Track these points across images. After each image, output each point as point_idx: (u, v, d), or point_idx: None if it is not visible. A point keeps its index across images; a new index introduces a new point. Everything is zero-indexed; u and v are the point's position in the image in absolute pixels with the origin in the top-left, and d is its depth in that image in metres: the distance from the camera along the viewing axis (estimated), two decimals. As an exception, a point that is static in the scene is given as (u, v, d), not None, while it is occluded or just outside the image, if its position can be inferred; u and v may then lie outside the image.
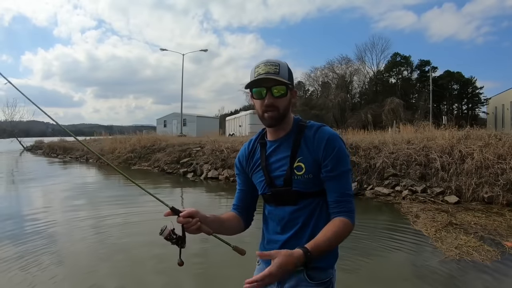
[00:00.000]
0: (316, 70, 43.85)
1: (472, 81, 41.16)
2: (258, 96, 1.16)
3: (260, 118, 1.19)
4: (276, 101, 1.14)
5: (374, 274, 3.42)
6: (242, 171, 1.32)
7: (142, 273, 3.41)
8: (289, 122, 1.22)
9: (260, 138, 1.29)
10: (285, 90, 1.14)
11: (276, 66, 1.14)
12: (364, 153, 8.32)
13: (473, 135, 7.94)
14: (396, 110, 31.94)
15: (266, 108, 1.15)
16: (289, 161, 1.17)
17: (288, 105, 1.18)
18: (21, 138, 35.53)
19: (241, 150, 1.35)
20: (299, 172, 1.16)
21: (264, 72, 1.13)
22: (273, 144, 1.23)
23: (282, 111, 1.16)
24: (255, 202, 1.35)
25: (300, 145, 1.17)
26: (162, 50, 36.30)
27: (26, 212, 6.22)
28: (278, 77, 1.12)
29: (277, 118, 1.16)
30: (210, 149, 12.02)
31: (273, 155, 1.22)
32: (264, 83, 1.13)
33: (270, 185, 1.21)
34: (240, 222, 1.30)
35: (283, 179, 1.18)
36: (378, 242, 4.37)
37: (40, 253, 3.89)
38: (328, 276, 1.18)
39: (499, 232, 4.51)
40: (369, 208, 6.46)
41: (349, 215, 1.13)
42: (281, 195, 1.19)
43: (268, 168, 1.21)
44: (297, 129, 1.20)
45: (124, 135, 19.67)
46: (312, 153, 1.15)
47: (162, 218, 1.07)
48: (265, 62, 1.15)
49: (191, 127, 34.30)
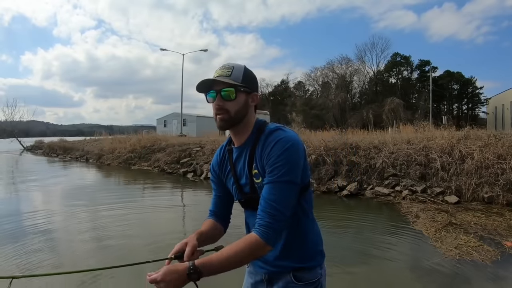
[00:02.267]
0: (316, 70, 44.03)
1: (472, 81, 41.20)
2: (211, 99, 1.14)
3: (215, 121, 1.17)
4: (225, 104, 1.11)
5: (373, 274, 3.42)
6: (216, 178, 1.31)
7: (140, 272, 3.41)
8: (248, 127, 1.18)
9: (228, 144, 1.27)
10: (234, 92, 1.10)
11: (229, 69, 1.12)
12: (364, 153, 8.32)
13: (472, 135, 7.94)
14: (396, 110, 31.99)
15: (216, 111, 1.12)
16: (247, 170, 1.15)
17: (242, 108, 1.13)
18: (21, 138, 35.52)
19: (214, 157, 1.33)
20: (257, 180, 1.13)
21: (216, 76, 1.11)
22: (237, 150, 1.21)
23: (234, 115, 1.12)
24: (231, 207, 1.34)
25: (255, 152, 1.14)
26: (162, 50, 36.27)
27: (26, 212, 6.22)
28: (228, 80, 1.09)
29: (228, 121, 1.13)
30: (210, 149, 12.03)
31: (238, 163, 1.20)
32: (215, 86, 1.12)
33: (240, 192, 1.21)
34: (220, 229, 1.30)
35: (249, 186, 1.17)
36: (378, 242, 4.37)
37: (39, 252, 3.89)
38: (316, 276, 1.18)
39: (499, 232, 4.51)
40: (369, 208, 6.46)
41: (261, 230, 1.01)
42: (251, 202, 1.17)
43: (237, 176, 1.20)
44: (255, 135, 1.16)
45: (124, 135, 19.66)
46: (261, 159, 1.10)
47: (162, 218, 1.08)
48: (221, 66, 1.15)
49: (191, 127, 34.26)
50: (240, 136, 1.19)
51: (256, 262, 1.24)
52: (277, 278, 1.20)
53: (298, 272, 1.16)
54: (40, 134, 56.43)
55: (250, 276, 1.29)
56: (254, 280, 1.27)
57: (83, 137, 28.49)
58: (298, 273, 1.16)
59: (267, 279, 1.22)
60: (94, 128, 49.85)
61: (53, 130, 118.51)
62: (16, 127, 36.53)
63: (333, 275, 3.15)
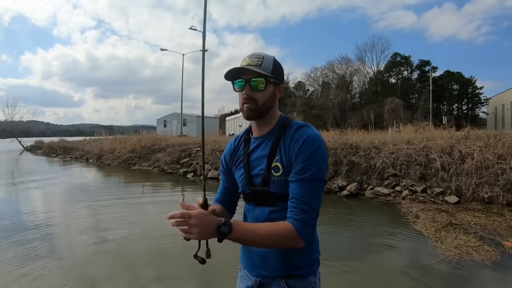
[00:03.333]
0: (316, 70, 43.96)
1: (472, 81, 41.19)
2: (238, 88, 1.13)
3: (240, 110, 1.16)
4: (254, 94, 1.10)
5: (373, 274, 3.42)
6: (226, 168, 1.28)
7: (139, 272, 3.42)
8: (273, 119, 1.17)
9: (246, 134, 1.25)
10: (264, 83, 1.09)
11: (259, 59, 1.10)
12: (364, 153, 8.32)
13: (472, 135, 7.95)
14: (396, 110, 32.00)
15: (244, 100, 1.11)
16: (267, 161, 1.12)
17: (270, 99, 1.13)
18: (21, 138, 35.51)
19: (227, 146, 1.31)
20: (276, 173, 1.10)
21: (245, 64, 1.09)
22: (256, 141, 1.18)
23: (261, 105, 1.11)
24: (237, 199, 1.32)
25: (279, 145, 1.12)
26: (162, 50, 36.29)
27: (25, 211, 6.22)
28: (258, 69, 1.08)
29: (255, 111, 1.11)
30: (210, 149, 12.03)
31: (254, 153, 1.17)
32: (243, 75, 1.10)
33: (249, 183, 1.17)
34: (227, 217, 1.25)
35: (261, 178, 1.13)
36: (378, 242, 4.37)
37: (38, 251, 3.89)
38: (310, 284, 1.14)
39: (499, 232, 4.51)
40: (369, 208, 6.46)
41: (299, 225, 1.00)
42: (259, 195, 1.15)
43: (249, 166, 1.17)
44: (280, 128, 1.15)
45: (124, 135, 19.66)
46: (288, 154, 1.09)
47: (162, 218, 1.08)
48: (250, 55, 1.12)
49: (191, 127, 34.30)
50: (263, 127, 1.17)
51: (249, 265, 1.22)
52: (269, 284, 1.16)
53: (291, 280, 1.13)
54: (40, 134, 56.51)
55: (242, 281, 1.26)
56: (245, 286, 1.23)
57: (83, 137, 28.51)
58: (291, 281, 1.12)
59: (258, 284, 1.18)
60: (94, 128, 49.89)
61: (53, 130, 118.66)
62: (16, 127, 36.52)
63: (333, 275, 3.14)
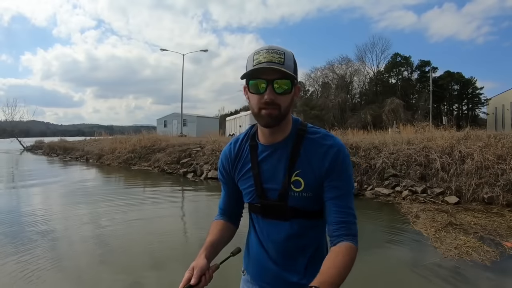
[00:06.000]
0: (316, 71, 43.99)
1: (472, 82, 41.16)
2: (256, 90, 0.92)
3: (255, 116, 0.96)
4: (277, 98, 0.91)
5: (373, 274, 3.41)
6: (227, 176, 1.12)
7: (139, 272, 3.42)
8: (288, 124, 1.00)
9: (249, 139, 1.06)
10: (289, 85, 0.92)
11: (281, 55, 0.91)
12: (364, 153, 8.32)
13: (473, 135, 7.95)
14: (396, 111, 31.98)
15: (264, 105, 0.92)
16: (286, 174, 0.98)
17: (291, 103, 0.96)
18: (21, 138, 35.52)
19: (225, 152, 1.11)
20: (297, 188, 0.97)
21: (265, 61, 0.89)
22: (267, 149, 1.01)
23: (284, 111, 0.94)
24: (243, 205, 1.19)
25: (299, 155, 0.98)
26: (162, 50, 36.23)
27: (25, 211, 6.22)
28: (284, 69, 0.89)
29: (277, 118, 0.93)
30: (210, 149, 12.04)
31: (266, 163, 1.01)
32: (264, 74, 0.90)
33: (261, 196, 1.03)
34: (231, 229, 1.17)
35: (278, 193, 1.00)
36: (378, 242, 4.38)
37: (38, 250, 3.90)
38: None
39: (499, 232, 4.51)
40: (369, 209, 6.45)
41: (354, 239, 0.95)
42: (272, 209, 1.02)
43: (261, 178, 1.01)
44: (296, 135, 1.00)
45: (124, 135, 19.67)
46: (315, 167, 0.96)
47: (162, 218, 1.07)
48: (267, 49, 0.91)
49: (191, 127, 34.34)
50: (277, 133, 1.00)
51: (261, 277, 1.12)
52: None
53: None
54: (40, 134, 56.44)
55: (247, 285, 1.18)
56: None
57: (83, 137, 28.52)
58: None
59: None
60: (94, 128, 49.92)
61: (53, 130, 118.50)
62: (16, 127, 36.53)
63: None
